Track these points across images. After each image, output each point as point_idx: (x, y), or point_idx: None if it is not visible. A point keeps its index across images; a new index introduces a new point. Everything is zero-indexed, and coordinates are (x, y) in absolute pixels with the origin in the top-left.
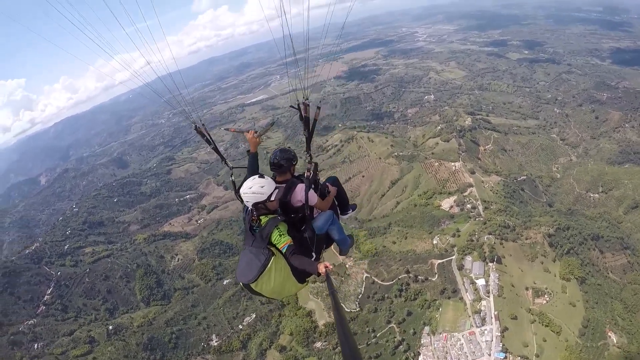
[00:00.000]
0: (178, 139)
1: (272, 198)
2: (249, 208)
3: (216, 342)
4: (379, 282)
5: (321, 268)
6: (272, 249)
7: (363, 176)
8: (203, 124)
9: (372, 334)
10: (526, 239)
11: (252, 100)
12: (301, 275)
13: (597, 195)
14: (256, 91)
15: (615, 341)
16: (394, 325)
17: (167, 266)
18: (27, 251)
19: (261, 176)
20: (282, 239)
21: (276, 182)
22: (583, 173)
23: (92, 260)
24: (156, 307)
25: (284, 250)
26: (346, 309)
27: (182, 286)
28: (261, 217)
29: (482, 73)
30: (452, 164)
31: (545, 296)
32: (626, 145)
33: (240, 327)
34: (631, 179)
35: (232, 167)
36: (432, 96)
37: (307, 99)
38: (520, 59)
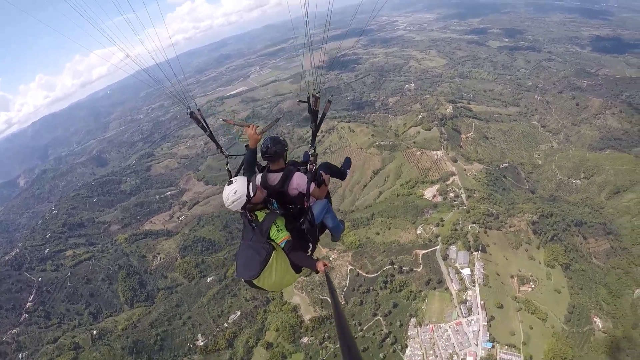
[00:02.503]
0: (157, 134)
1: (252, 193)
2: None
3: (202, 341)
4: (364, 274)
5: (320, 266)
6: (272, 243)
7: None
8: (199, 109)
9: (359, 327)
10: (510, 226)
11: (232, 93)
12: (298, 266)
13: (579, 181)
14: (235, 83)
15: (600, 326)
16: (380, 318)
17: (149, 266)
18: (6, 257)
19: (229, 183)
20: (280, 235)
21: (270, 170)
22: (565, 159)
23: (73, 264)
24: (140, 309)
25: (283, 245)
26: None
27: (166, 286)
28: (257, 213)
29: (462, 61)
30: (434, 152)
31: (531, 283)
32: (607, 131)
33: (226, 325)
34: (612, 164)
35: (228, 156)
36: (413, 85)
37: (319, 92)
38: (501, 47)
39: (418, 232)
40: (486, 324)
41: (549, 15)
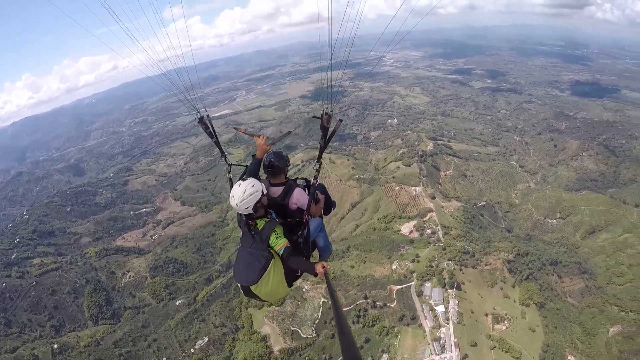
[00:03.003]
0: (138, 149)
1: (265, 191)
2: (243, 215)
3: None
4: None
5: (319, 268)
6: (271, 251)
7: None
8: (208, 115)
9: None
10: (486, 265)
11: (216, 114)
12: (290, 279)
13: (554, 221)
14: (221, 105)
15: None
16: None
17: (117, 283)
18: None
19: (243, 179)
20: (279, 241)
21: (271, 184)
22: (541, 199)
23: (40, 273)
24: (105, 326)
25: (282, 252)
26: (302, 335)
27: (133, 305)
28: (258, 221)
29: (445, 99)
30: (413, 188)
31: (505, 322)
32: (583, 172)
33: (192, 351)
34: (588, 205)
35: (231, 164)
36: (396, 120)
37: (332, 110)
38: (483, 88)
39: (393, 267)
40: None
41: (531, 59)
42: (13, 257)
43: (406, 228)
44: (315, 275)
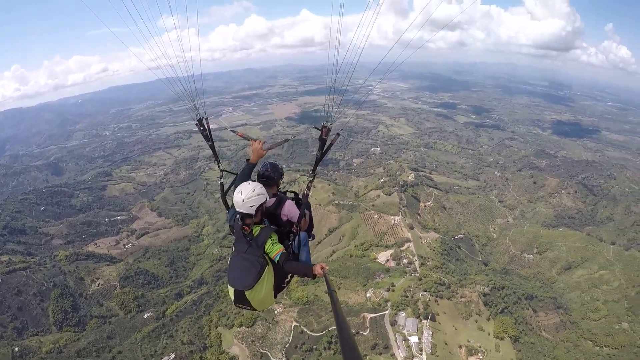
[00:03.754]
0: (119, 155)
1: (269, 198)
2: (237, 215)
3: None
4: (308, 332)
5: (317, 269)
6: (266, 258)
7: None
8: (206, 118)
9: None
10: (461, 297)
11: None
12: (277, 289)
13: (531, 256)
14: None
15: None
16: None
17: (86, 290)
18: None
19: (262, 182)
20: (275, 247)
21: None
22: (519, 234)
23: (7, 271)
24: (69, 334)
25: (278, 257)
26: (272, 358)
27: (100, 314)
28: (253, 227)
29: (429, 132)
30: (392, 217)
31: (479, 354)
32: (561, 210)
33: None
34: (565, 241)
35: (223, 170)
36: (379, 149)
37: (332, 124)
38: (467, 122)
39: (368, 295)
40: None
41: (515, 97)
42: None
43: (383, 256)
44: (314, 277)
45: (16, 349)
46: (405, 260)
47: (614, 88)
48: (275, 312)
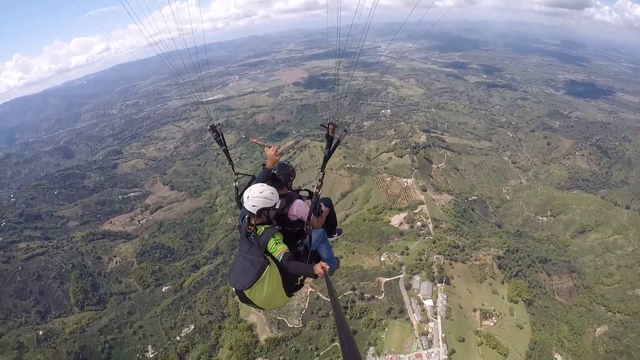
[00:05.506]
0: (128, 132)
1: (277, 207)
2: (246, 215)
3: (152, 353)
4: (324, 297)
5: (318, 269)
6: (268, 257)
7: (313, 186)
8: (219, 124)
9: (315, 352)
10: (475, 260)
11: (209, 99)
12: (290, 288)
13: (545, 218)
14: (213, 89)
15: None
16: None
17: (104, 268)
18: None
19: (270, 184)
20: (278, 247)
21: None
22: (532, 196)
23: (26, 257)
24: (90, 313)
25: (281, 257)
26: (288, 325)
27: (119, 291)
28: (258, 227)
29: (440, 92)
30: (404, 180)
31: (493, 318)
32: (575, 172)
33: (178, 338)
34: (579, 204)
35: (238, 174)
36: (389, 111)
37: (337, 120)
38: (478, 82)
39: (382, 259)
40: (447, 357)
41: (527, 56)
42: None
43: (396, 220)
44: (315, 277)
45: (40, 332)
46: (418, 223)
47: (629, 47)
48: None
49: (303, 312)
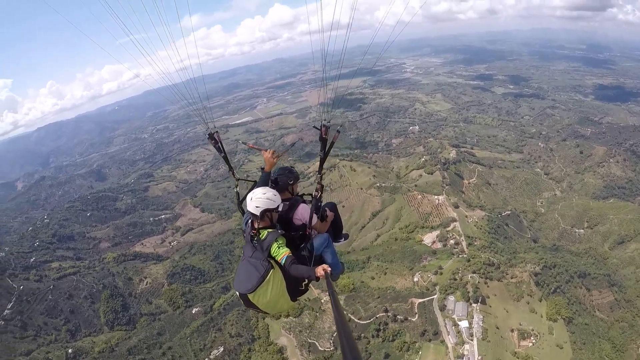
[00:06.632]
0: (159, 156)
1: (280, 209)
2: (250, 219)
3: None
4: (356, 320)
5: (319, 271)
6: (271, 261)
7: (343, 206)
8: (217, 131)
9: None
10: (511, 277)
11: (237, 122)
12: (294, 293)
13: (582, 230)
14: (242, 112)
15: None
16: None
17: (134, 289)
18: None
19: (273, 187)
20: (280, 251)
21: None
22: (568, 208)
23: (58, 277)
24: (120, 332)
25: (284, 261)
26: (319, 347)
27: (149, 312)
28: (261, 231)
29: (467, 106)
30: (436, 197)
31: (532, 338)
32: (610, 180)
33: None
34: (616, 214)
35: (239, 179)
36: (417, 127)
37: (329, 121)
38: (505, 93)
39: (415, 279)
40: None
41: (553, 63)
42: (32, 260)
43: (429, 238)
44: (317, 279)
45: (70, 350)
46: (452, 241)
47: None
48: (322, 300)
49: (334, 335)
